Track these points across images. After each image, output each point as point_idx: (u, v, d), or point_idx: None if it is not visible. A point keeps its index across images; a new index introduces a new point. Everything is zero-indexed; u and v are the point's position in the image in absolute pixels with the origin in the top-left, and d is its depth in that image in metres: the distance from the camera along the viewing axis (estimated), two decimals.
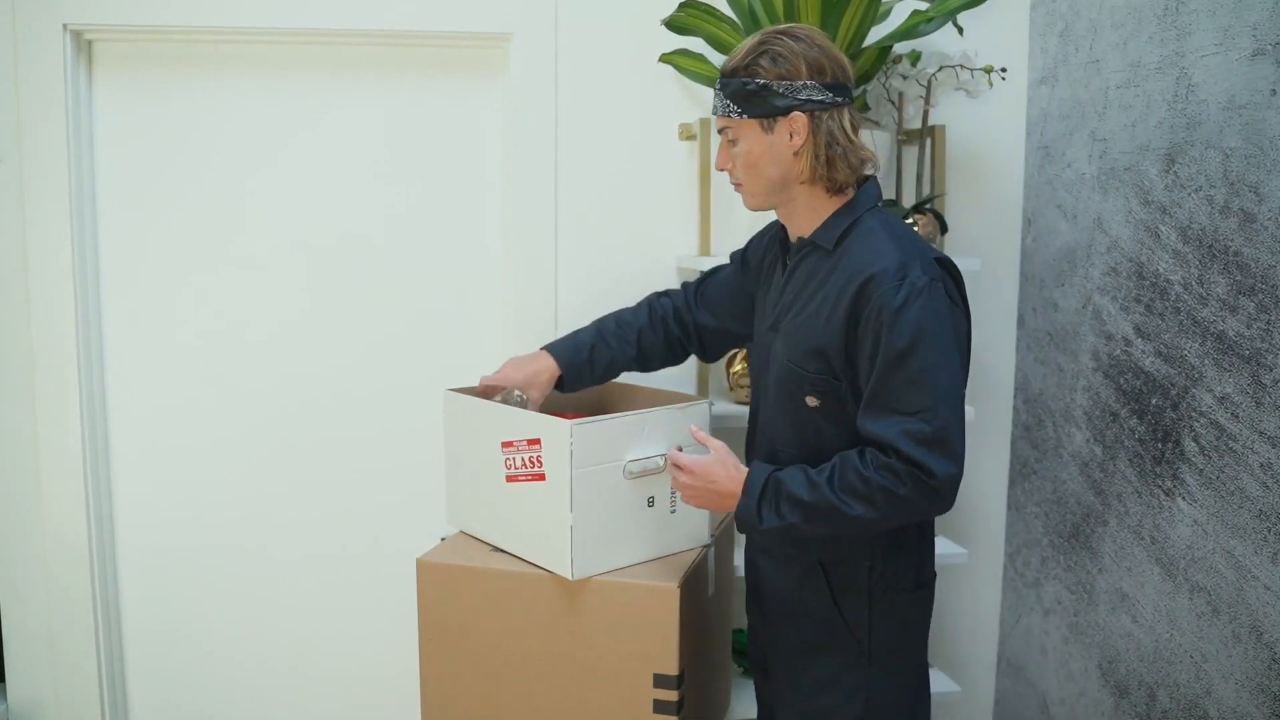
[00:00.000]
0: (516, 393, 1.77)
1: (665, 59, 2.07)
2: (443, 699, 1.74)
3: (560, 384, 1.79)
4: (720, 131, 1.53)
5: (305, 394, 2.29)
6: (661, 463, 1.66)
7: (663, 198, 2.21)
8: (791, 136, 1.46)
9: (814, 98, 1.44)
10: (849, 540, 1.52)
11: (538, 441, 1.63)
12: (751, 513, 1.45)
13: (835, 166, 1.46)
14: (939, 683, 2.21)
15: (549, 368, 1.77)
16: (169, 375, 2.26)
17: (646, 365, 1.84)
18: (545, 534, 1.65)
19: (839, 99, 1.45)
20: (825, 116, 1.45)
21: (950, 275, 1.45)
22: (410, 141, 2.24)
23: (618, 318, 1.84)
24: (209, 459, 2.28)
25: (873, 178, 1.54)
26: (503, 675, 1.70)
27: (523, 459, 1.67)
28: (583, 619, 1.64)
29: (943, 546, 2.15)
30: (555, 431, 1.60)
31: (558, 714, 1.67)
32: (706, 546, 1.78)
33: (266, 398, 2.28)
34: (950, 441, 1.35)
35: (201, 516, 2.30)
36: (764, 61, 1.44)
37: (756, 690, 1.78)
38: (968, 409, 2.06)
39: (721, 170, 1.55)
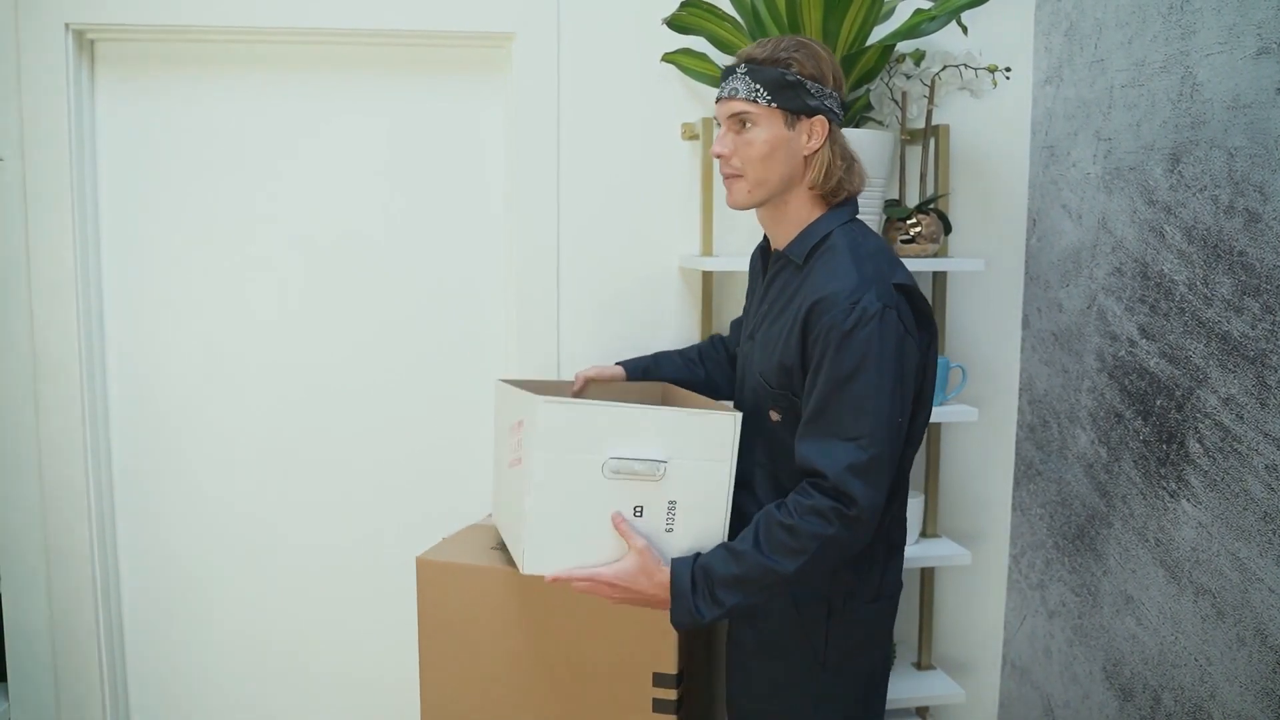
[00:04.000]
0: None
1: (667, 58, 2.07)
2: (442, 697, 1.73)
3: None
4: (732, 115, 1.45)
5: (307, 394, 2.28)
6: (653, 469, 1.47)
7: (665, 197, 2.20)
8: (809, 138, 1.44)
9: (834, 109, 1.45)
10: None
11: (522, 424, 1.51)
12: (688, 613, 1.40)
13: (853, 176, 1.48)
14: (942, 685, 2.20)
15: (619, 374, 1.86)
16: (170, 373, 2.26)
17: (710, 378, 1.89)
18: (516, 523, 1.52)
19: (842, 120, 1.48)
20: (838, 130, 1.47)
21: (910, 301, 1.43)
22: (412, 141, 2.24)
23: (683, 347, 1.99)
24: (210, 458, 2.29)
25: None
26: (502, 673, 1.69)
27: (515, 442, 1.57)
28: (582, 617, 1.63)
29: (946, 548, 2.14)
30: (532, 411, 1.44)
31: (557, 713, 1.67)
32: None
33: (268, 398, 2.28)
34: (879, 471, 1.35)
35: (203, 516, 2.30)
36: (800, 56, 1.42)
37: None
38: (971, 410, 2.08)
39: (720, 155, 1.47)
